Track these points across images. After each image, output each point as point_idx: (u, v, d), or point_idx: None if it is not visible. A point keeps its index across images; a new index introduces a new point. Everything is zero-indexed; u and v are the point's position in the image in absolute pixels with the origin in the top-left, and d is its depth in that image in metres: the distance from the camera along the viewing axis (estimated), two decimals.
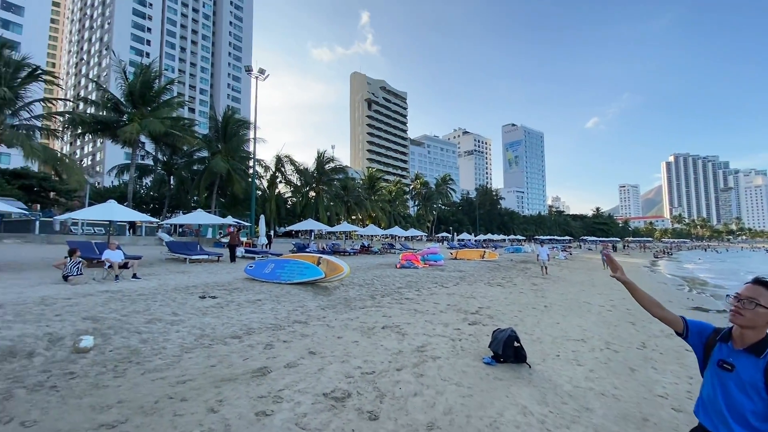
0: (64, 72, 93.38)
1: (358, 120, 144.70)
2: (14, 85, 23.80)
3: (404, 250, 29.37)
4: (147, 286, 9.21)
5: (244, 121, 38.43)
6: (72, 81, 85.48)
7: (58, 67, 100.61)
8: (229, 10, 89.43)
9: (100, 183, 53.92)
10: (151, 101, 30.23)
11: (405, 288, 12.00)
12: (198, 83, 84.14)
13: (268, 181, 45.91)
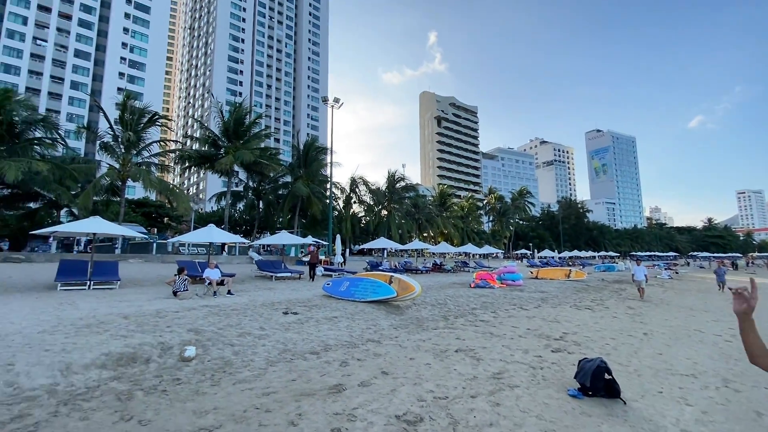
0: (175, 115, 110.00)
1: (428, 138, 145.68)
2: (138, 129, 28.67)
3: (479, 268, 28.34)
4: (239, 302, 10.17)
5: (322, 148, 41.20)
6: (181, 122, 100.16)
7: (170, 111, 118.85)
8: (308, 47, 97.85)
9: (203, 209, 61.62)
10: (243, 135, 34.05)
11: (480, 309, 11.54)
12: (282, 115, 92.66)
13: (343, 202, 48.22)
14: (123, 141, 27.96)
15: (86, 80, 62.13)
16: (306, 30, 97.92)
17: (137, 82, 66.62)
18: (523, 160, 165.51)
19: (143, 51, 67.89)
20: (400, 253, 49.27)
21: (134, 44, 67.14)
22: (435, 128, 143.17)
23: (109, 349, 5.53)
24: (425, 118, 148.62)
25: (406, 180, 51.71)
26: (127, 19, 66.64)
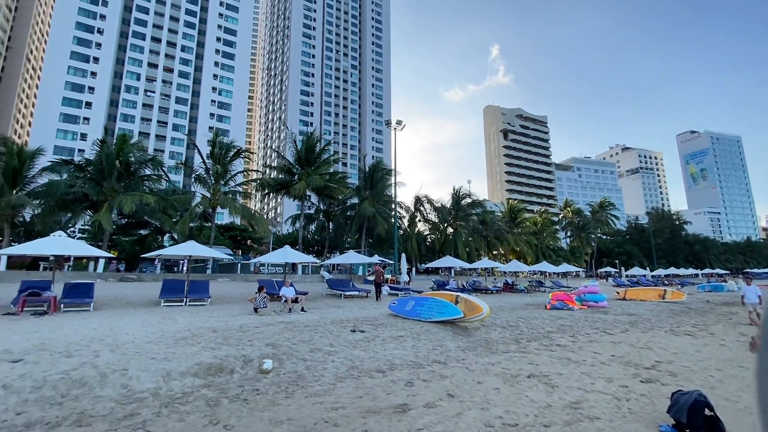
0: (256, 147, 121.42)
1: (494, 152, 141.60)
2: (225, 162, 32.21)
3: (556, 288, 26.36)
4: (311, 319, 10.73)
5: (386, 169, 42.35)
6: (261, 153, 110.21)
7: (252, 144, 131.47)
8: (371, 74, 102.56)
9: (280, 231, 66.42)
10: (314, 162, 36.42)
11: (556, 332, 10.74)
12: (349, 140, 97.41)
13: (408, 221, 48.55)
14: (213, 173, 31.60)
15: (184, 122, 71.76)
16: (369, 59, 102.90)
17: (224, 121, 75.19)
18: (602, 170, 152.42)
19: (229, 93, 76.79)
20: (468, 272, 47.85)
21: (222, 88, 76.32)
22: (501, 142, 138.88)
23: (200, 359, 6.21)
24: (490, 132, 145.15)
25: (473, 196, 50.64)
26: (216, 67, 76.24)
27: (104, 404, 4.63)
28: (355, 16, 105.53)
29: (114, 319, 9.87)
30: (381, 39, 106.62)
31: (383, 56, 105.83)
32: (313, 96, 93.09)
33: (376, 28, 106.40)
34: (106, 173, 27.25)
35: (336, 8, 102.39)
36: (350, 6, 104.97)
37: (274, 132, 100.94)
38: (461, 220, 48.98)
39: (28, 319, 9.65)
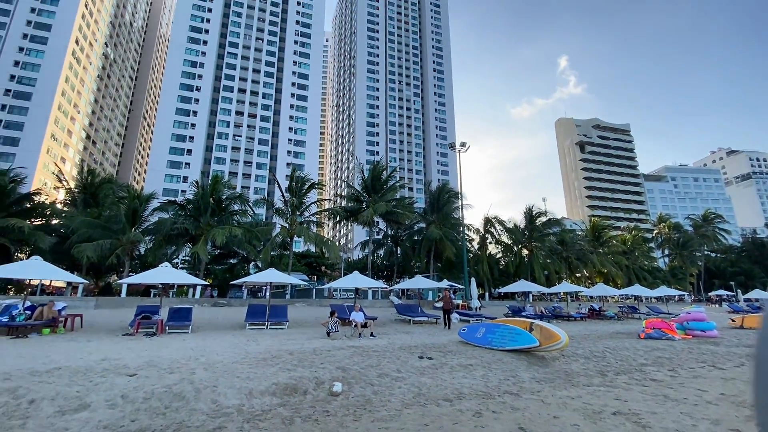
0: (327, 178, 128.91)
1: (571, 166, 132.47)
2: (301, 194, 34.77)
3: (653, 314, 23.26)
4: (380, 344, 10.90)
5: (452, 192, 42.00)
6: (332, 183, 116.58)
7: (324, 176, 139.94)
8: (434, 100, 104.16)
9: (351, 257, 68.74)
10: (380, 189, 37.62)
11: (651, 365, 9.50)
12: (414, 165, 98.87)
13: (478, 243, 47.05)
14: (290, 205, 34.27)
15: (265, 160, 79.38)
16: (431, 85, 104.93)
17: (300, 156, 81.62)
18: (704, 178, 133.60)
19: (303, 131, 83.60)
20: (547, 297, 44.47)
21: (297, 127, 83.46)
22: (578, 155, 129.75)
23: (278, 379, 6.71)
24: (564, 146, 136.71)
25: (549, 214, 47.59)
26: (292, 109, 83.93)
27: (197, 417, 5.24)
28: (416, 47, 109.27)
29: (207, 341, 11.06)
30: (442, 65, 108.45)
31: (445, 81, 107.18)
32: (378, 126, 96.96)
33: (437, 56, 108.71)
34: (202, 210, 31.09)
35: (398, 42, 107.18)
36: (411, 39, 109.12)
37: (343, 163, 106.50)
38: (537, 240, 46.10)
39: (142, 339, 11.25)
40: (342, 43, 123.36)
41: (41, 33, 65.48)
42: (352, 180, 61.68)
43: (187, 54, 77.01)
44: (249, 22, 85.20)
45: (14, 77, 62.10)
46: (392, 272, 44.82)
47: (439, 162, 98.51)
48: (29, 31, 64.96)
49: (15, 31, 64.06)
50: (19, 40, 63.91)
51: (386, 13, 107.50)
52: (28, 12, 65.73)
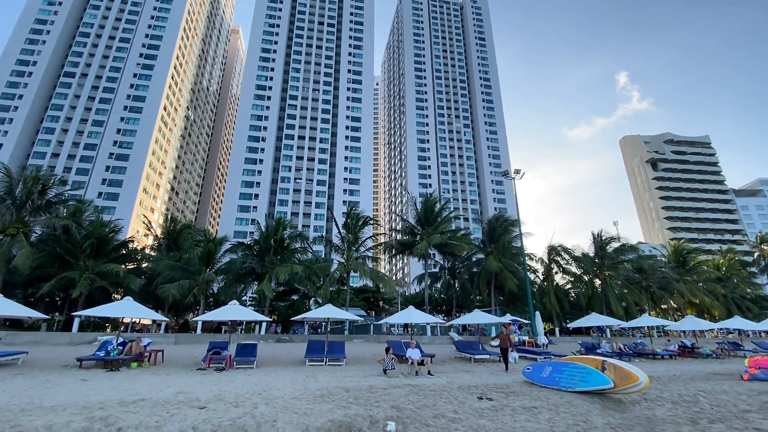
0: (381, 213, 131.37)
1: (643, 186, 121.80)
2: (356, 230, 35.81)
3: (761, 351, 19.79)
4: (437, 383, 10.57)
5: (510, 221, 40.47)
6: (387, 218, 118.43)
7: (378, 210, 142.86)
8: (485, 129, 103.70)
9: (407, 291, 68.02)
10: (434, 221, 37.54)
11: (756, 412, 8.08)
12: (468, 195, 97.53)
13: (543, 274, 44.22)
14: (347, 241, 35.38)
15: (324, 200, 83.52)
16: (481, 115, 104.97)
17: (355, 194, 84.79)
18: None
19: (357, 170, 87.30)
20: (629, 332, 39.97)
21: (352, 166, 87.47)
22: (650, 173, 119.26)
23: (333, 416, 6.80)
24: (633, 164, 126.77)
25: (622, 239, 43.47)
26: (346, 150, 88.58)
27: None
28: (463, 81, 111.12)
29: (270, 376, 11.54)
30: (491, 95, 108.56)
31: (495, 110, 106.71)
32: (429, 159, 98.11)
33: (485, 86, 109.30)
34: (267, 250, 33.23)
35: (445, 78, 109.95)
36: (458, 73, 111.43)
37: (396, 197, 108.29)
38: (609, 269, 42.21)
39: (212, 374, 12.04)
40: (391, 85, 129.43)
41: (137, 104, 77.27)
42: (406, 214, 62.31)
43: (254, 109, 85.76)
44: (306, 75, 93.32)
45: (116, 143, 73.28)
46: (451, 306, 43.46)
47: (494, 191, 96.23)
48: (128, 104, 77.02)
49: (118, 104, 76.38)
50: (120, 112, 75.92)
51: (432, 53, 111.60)
52: (128, 88, 78.29)
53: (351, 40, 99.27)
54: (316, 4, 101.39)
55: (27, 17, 78.17)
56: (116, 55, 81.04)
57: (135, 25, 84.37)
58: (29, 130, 70.26)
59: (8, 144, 66.71)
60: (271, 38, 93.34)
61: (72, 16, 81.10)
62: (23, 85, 71.78)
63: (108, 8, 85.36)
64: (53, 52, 75.97)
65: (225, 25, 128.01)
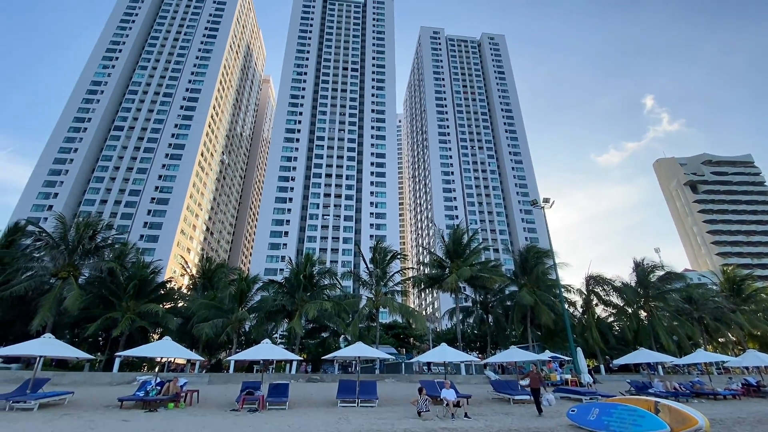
0: (408, 246, 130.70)
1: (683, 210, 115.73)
2: (384, 265, 35.74)
3: None
4: (475, 426, 10.07)
5: (541, 251, 39.15)
6: (414, 251, 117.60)
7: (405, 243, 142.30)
8: (510, 159, 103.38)
9: (438, 327, 65.97)
10: (462, 253, 36.97)
11: None
12: (497, 226, 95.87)
13: (582, 307, 41.93)
14: (375, 276, 35.30)
15: (351, 235, 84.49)
16: (505, 145, 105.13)
17: (381, 228, 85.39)
18: None
19: (383, 204, 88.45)
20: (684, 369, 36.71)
21: (377, 201, 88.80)
22: (690, 196, 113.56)
23: None
24: (670, 188, 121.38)
25: (667, 267, 40.80)
26: (372, 186, 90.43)
27: None
28: (484, 113, 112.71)
29: (303, 418, 11.38)
30: (513, 125, 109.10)
31: (519, 140, 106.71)
32: (455, 191, 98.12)
33: (507, 117, 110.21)
34: (297, 286, 33.63)
35: (466, 111, 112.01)
36: (479, 106, 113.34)
37: (423, 230, 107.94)
38: (655, 299, 39.53)
39: (246, 415, 12.02)
40: (413, 121, 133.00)
41: (177, 152, 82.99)
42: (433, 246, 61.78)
43: (283, 151, 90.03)
44: (332, 117, 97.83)
45: (157, 188, 78.28)
46: (485, 343, 41.72)
47: (523, 220, 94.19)
48: (169, 151, 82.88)
49: (160, 153, 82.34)
50: (162, 159, 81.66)
51: (452, 89, 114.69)
52: (169, 137, 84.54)
53: (373, 82, 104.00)
54: (340, 52, 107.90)
55: (84, 79, 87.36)
56: (160, 108, 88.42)
57: (177, 80, 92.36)
58: (81, 180, 76.45)
59: (63, 193, 72.64)
60: (299, 85, 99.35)
61: (123, 77, 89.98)
62: (79, 139, 79.09)
63: (154, 68, 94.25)
64: (105, 109, 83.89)
65: (257, 75, 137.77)
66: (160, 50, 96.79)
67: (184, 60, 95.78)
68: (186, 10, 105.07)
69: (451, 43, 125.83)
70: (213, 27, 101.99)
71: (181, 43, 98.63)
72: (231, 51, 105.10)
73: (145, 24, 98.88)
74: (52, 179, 73.82)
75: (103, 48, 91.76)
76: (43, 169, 74.72)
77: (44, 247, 29.02)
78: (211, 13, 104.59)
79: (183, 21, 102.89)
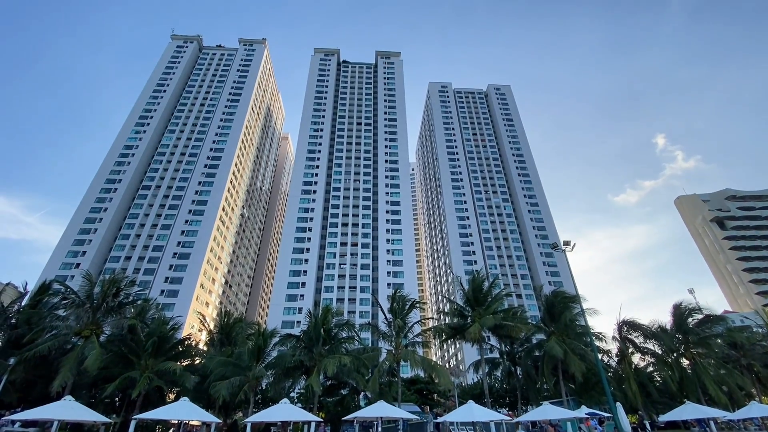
0: (427, 294, 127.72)
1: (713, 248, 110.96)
2: (403, 314, 34.80)
3: None
4: None
5: (568, 296, 37.52)
6: (433, 299, 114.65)
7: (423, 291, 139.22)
8: (525, 202, 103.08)
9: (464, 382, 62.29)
10: (484, 301, 35.82)
11: None
12: (518, 270, 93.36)
13: (617, 356, 39.17)
14: (394, 327, 34.27)
15: (368, 284, 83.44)
16: (519, 188, 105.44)
17: (399, 276, 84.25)
18: None
19: (399, 251, 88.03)
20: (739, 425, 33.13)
21: (394, 248, 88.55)
22: (718, 233, 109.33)
23: None
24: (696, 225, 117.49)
25: (705, 310, 38.12)
26: (388, 233, 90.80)
27: None
28: (496, 158, 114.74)
29: None
30: (526, 169, 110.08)
31: (532, 183, 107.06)
32: (472, 236, 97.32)
33: (518, 161, 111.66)
34: (315, 340, 32.82)
35: (477, 157, 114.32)
36: (489, 152, 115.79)
37: (441, 277, 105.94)
38: (697, 345, 36.62)
39: None
40: (426, 168, 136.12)
41: (200, 207, 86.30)
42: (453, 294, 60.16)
43: (301, 203, 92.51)
44: (347, 168, 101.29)
45: (180, 243, 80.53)
46: (515, 398, 38.99)
47: (545, 263, 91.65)
48: (193, 207, 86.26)
49: (183, 209, 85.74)
50: (185, 215, 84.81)
51: (462, 137, 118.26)
52: (193, 194, 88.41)
53: (386, 134, 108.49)
54: (354, 109, 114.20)
55: (118, 143, 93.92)
56: (185, 167, 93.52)
57: (202, 141, 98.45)
58: (109, 238, 79.51)
59: (90, 251, 75.34)
60: (316, 140, 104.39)
61: (153, 140, 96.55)
62: (109, 200, 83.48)
63: (182, 131, 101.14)
64: (135, 170, 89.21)
65: (276, 133, 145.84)
66: (187, 115, 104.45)
67: (209, 123, 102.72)
68: (213, 78, 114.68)
69: (459, 95, 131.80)
70: (236, 92, 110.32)
71: (207, 107, 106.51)
72: (252, 113, 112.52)
73: (176, 92, 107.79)
74: (82, 238, 77.04)
75: (136, 115, 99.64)
76: (74, 229, 78.33)
77: (70, 305, 29.65)
78: (235, 80, 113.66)
79: (210, 88, 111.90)
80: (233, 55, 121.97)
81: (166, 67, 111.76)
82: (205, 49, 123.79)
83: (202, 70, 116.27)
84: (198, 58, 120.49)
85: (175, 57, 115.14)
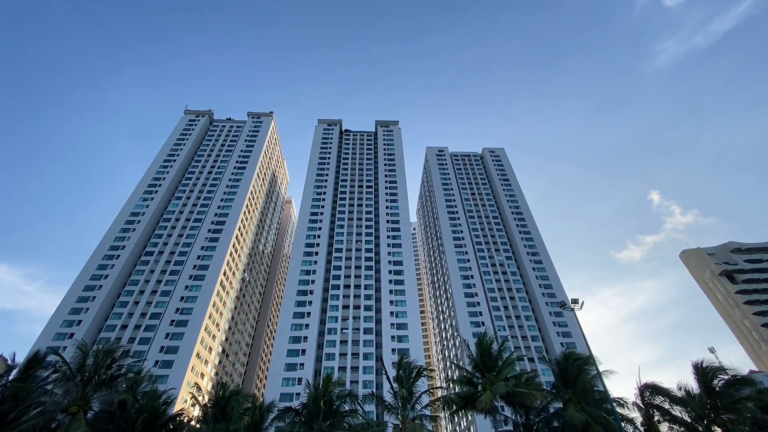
0: (434, 359, 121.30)
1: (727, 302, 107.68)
2: (409, 383, 32.84)
3: None
4: None
5: (582, 358, 35.66)
6: (440, 365, 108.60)
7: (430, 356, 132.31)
8: (529, 260, 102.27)
9: None
10: (494, 366, 33.99)
11: None
12: (527, 332, 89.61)
13: (643, 425, 36.09)
14: (400, 397, 32.16)
15: (371, 349, 79.64)
16: (521, 246, 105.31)
17: (403, 340, 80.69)
18: None
19: (403, 314, 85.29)
20: None
21: (398, 311, 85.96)
22: (729, 287, 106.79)
23: None
24: (704, 279, 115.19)
25: (729, 370, 35.77)
26: (391, 294, 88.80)
27: None
28: (495, 217, 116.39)
29: None
30: (527, 227, 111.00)
31: (534, 240, 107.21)
32: (477, 296, 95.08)
33: (518, 220, 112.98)
34: (315, 414, 30.65)
35: (477, 216, 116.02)
36: (489, 211, 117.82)
37: (448, 340, 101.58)
38: (727, 410, 33.89)
39: None
40: (427, 228, 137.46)
41: (201, 272, 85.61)
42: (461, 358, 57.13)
43: (303, 265, 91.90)
44: (349, 230, 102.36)
45: (178, 310, 78.55)
46: None
47: (555, 323, 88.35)
48: (194, 273, 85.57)
49: (184, 275, 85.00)
50: (186, 281, 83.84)
51: (461, 197, 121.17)
52: (195, 259, 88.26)
53: (387, 196, 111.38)
54: (355, 173, 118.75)
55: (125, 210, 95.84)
56: (189, 233, 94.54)
57: (207, 207, 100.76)
58: (106, 306, 77.77)
59: (86, 320, 73.20)
60: (319, 203, 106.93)
61: (159, 207, 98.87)
62: (110, 266, 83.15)
63: (188, 197, 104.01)
64: (140, 237, 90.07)
65: (280, 197, 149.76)
66: (195, 182, 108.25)
67: (215, 189, 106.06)
68: (221, 148, 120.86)
69: (456, 158, 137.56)
70: (243, 160, 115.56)
71: (215, 174, 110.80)
72: (258, 179, 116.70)
73: (185, 161, 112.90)
74: (79, 306, 75.33)
75: (145, 183, 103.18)
76: (72, 297, 76.84)
77: (60, 378, 28.24)
78: (242, 149, 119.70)
79: (218, 156, 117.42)
80: (242, 126, 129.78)
81: (178, 139, 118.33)
82: (216, 121, 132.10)
83: (211, 141, 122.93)
84: (208, 130, 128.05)
85: (187, 129, 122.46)
